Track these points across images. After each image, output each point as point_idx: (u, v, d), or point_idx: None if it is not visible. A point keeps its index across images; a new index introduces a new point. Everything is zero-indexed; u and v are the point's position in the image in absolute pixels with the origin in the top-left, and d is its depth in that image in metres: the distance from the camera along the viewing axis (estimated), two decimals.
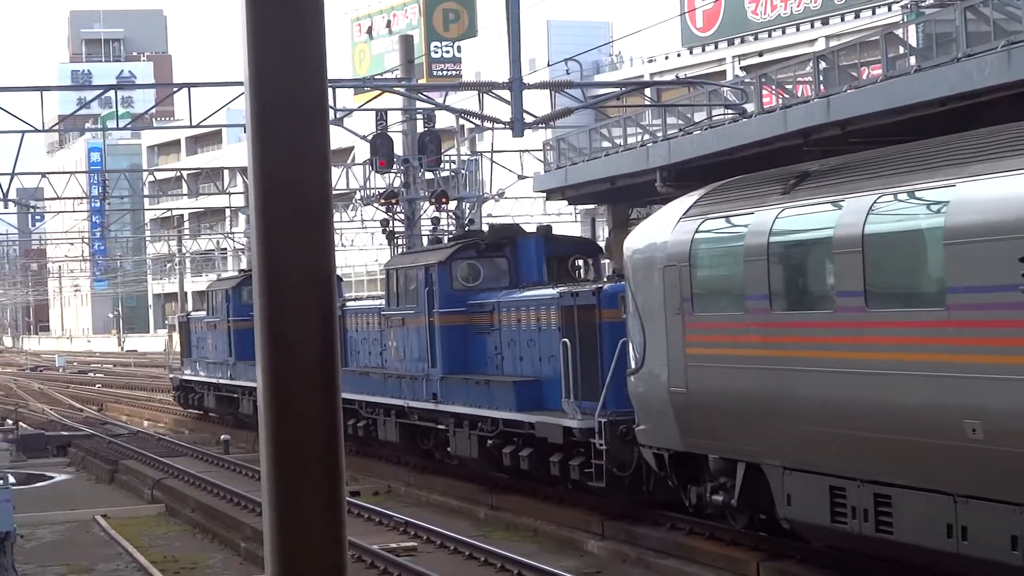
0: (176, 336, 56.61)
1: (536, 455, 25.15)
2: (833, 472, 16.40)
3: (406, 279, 30.35)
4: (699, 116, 38.11)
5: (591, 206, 56.11)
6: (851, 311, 15.75)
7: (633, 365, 20.39)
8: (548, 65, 51.99)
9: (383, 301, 32.18)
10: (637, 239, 20.52)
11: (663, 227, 19.73)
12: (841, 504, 16.28)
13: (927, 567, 15.94)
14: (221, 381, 45.07)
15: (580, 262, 29.11)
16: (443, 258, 28.84)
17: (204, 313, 48.80)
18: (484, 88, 32.86)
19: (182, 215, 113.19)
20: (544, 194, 50.07)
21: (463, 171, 45.25)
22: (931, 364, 14.63)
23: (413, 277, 29.88)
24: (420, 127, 42.37)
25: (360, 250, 77.59)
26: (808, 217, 16.97)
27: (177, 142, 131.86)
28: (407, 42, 47.17)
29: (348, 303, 36.00)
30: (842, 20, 65.68)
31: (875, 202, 15.64)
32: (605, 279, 26.22)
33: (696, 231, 18.87)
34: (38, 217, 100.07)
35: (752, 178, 19.80)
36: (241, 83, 3.72)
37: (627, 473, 22.52)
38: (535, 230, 30.32)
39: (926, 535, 15.01)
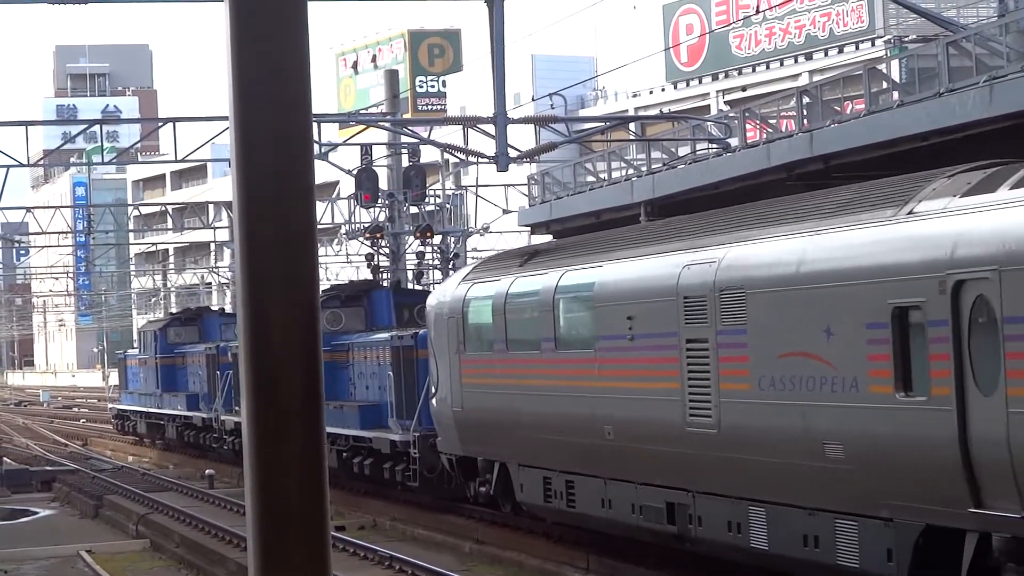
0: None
1: (375, 463, 31.18)
2: (543, 466, 22.71)
3: None
4: (683, 150, 38.22)
5: None
6: (549, 351, 22.20)
7: (434, 391, 26.43)
8: (533, 99, 52.08)
9: None
10: (434, 296, 27.18)
11: (449, 289, 26.41)
12: (550, 488, 22.54)
13: (593, 531, 22.35)
14: (150, 410, 51.68)
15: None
16: None
17: (138, 351, 55.78)
18: (469, 123, 32.94)
19: (167, 249, 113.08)
20: (529, 228, 50.13)
21: (448, 205, 45.34)
22: (588, 388, 20.82)
23: None
24: (405, 161, 42.44)
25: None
26: (528, 285, 23.20)
27: (162, 177, 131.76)
28: (392, 77, 47.25)
29: None
30: (825, 55, 65.91)
31: (562, 275, 22.03)
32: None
33: (467, 292, 25.15)
34: (23, 252, 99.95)
35: (507, 253, 27.20)
36: (226, 118, 3.75)
37: (434, 475, 28.59)
38: (387, 284, 37.89)
39: (590, 507, 21.35)
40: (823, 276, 16.01)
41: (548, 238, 48.52)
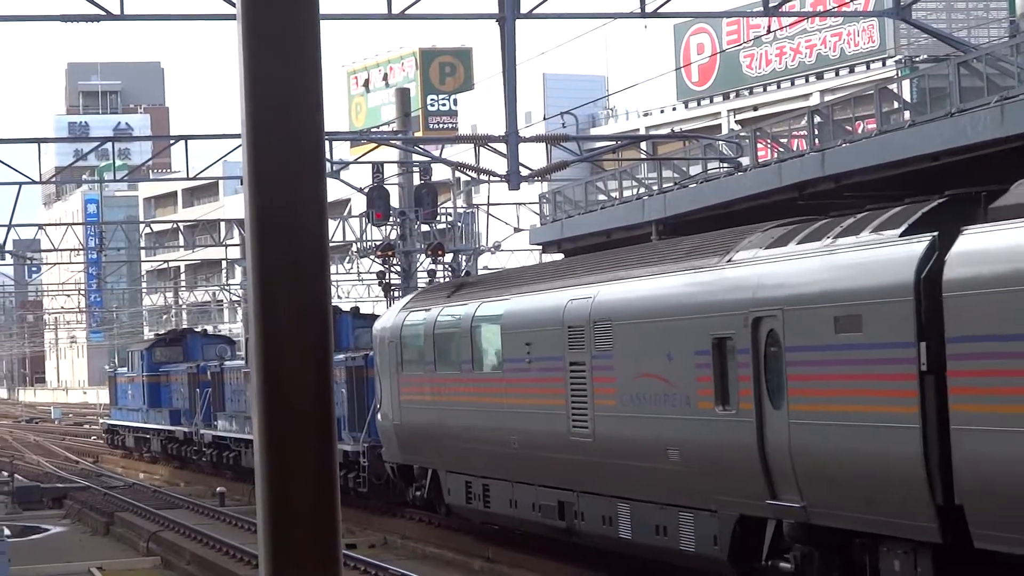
0: None
1: None
2: (465, 472, 25.75)
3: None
4: (694, 169, 38.23)
5: None
6: (468, 372, 25.30)
7: (379, 407, 29.44)
8: (544, 118, 52.20)
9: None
10: (379, 322, 30.34)
11: (390, 316, 29.62)
12: (471, 492, 25.61)
13: (510, 528, 25.59)
14: (137, 424, 55.02)
15: None
16: None
17: (126, 369, 58.93)
18: (480, 141, 32.98)
19: (178, 267, 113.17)
20: (540, 247, 50.14)
21: (459, 223, 45.35)
22: (498, 404, 23.98)
23: None
24: (416, 179, 42.45)
25: (356, 302, 77.47)
26: (452, 314, 26.29)
27: (174, 194, 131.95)
28: (403, 95, 47.27)
29: (226, 362, 45.37)
30: (836, 75, 65.94)
31: (479, 306, 25.19)
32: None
33: (404, 320, 28.30)
34: (34, 269, 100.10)
35: (438, 286, 31.61)
36: (238, 135, 3.77)
37: (381, 481, 31.54)
38: (347, 310, 41.05)
39: (501, 507, 24.53)
40: (667, 311, 19.39)
41: (559, 257, 48.69)
